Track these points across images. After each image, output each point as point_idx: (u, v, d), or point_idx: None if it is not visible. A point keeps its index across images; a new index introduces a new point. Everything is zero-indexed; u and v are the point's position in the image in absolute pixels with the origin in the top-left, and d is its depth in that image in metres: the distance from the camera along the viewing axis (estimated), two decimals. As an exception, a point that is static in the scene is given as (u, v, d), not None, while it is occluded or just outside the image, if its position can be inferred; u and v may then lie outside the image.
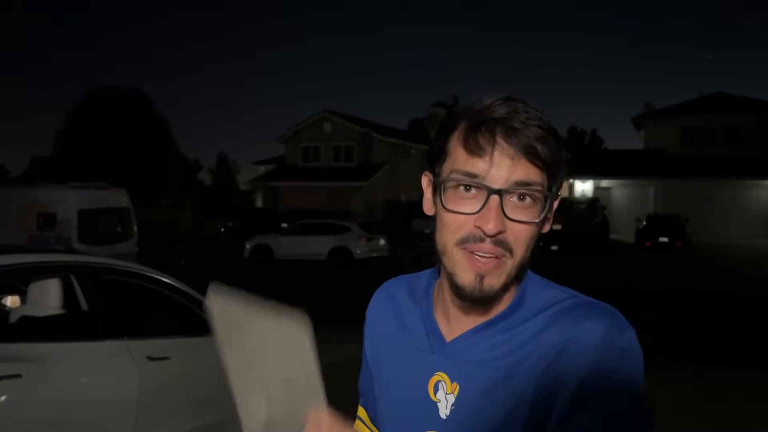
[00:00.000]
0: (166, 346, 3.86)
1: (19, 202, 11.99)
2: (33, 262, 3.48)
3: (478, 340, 0.96)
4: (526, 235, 0.91)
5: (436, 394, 0.97)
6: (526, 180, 0.88)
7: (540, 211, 0.91)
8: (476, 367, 0.94)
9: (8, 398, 2.84)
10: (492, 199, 0.88)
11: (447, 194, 0.92)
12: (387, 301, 1.14)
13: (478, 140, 0.89)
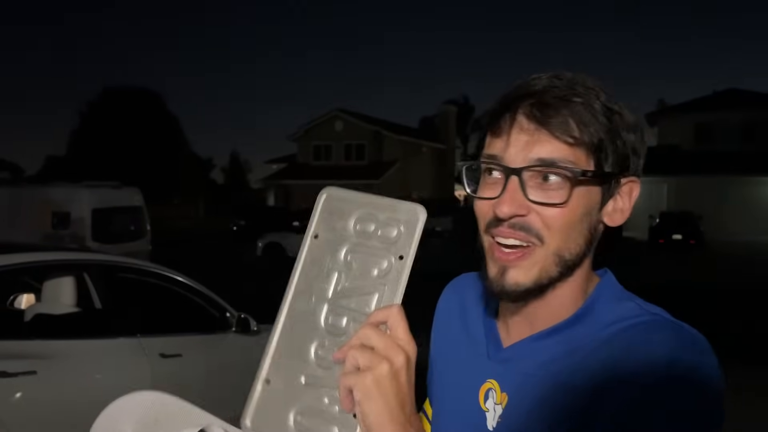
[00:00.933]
0: (178, 343, 3.89)
1: (33, 201, 12.13)
2: (47, 260, 3.52)
3: (534, 351, 0.87)
4: (560, 221, 0.80)
5: (486, 403, 0.90)
6: (549, 158, 0.79)
7: (568, 194, 0.80)
8: (527, 380, 0.86)
9: (23, 395, 2.87)
10: (509, 180, 0.80)
11: (480, 182, 0.86)
12: (455, 297, 1.07)
13: (496, 119, 0.83)
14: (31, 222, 11.54)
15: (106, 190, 12.50)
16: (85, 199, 11.89)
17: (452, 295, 1.09)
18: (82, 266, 3.64)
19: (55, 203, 11.96)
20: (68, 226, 11.66)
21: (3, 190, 14.38)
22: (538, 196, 0.80)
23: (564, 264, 0.83)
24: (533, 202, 0.80)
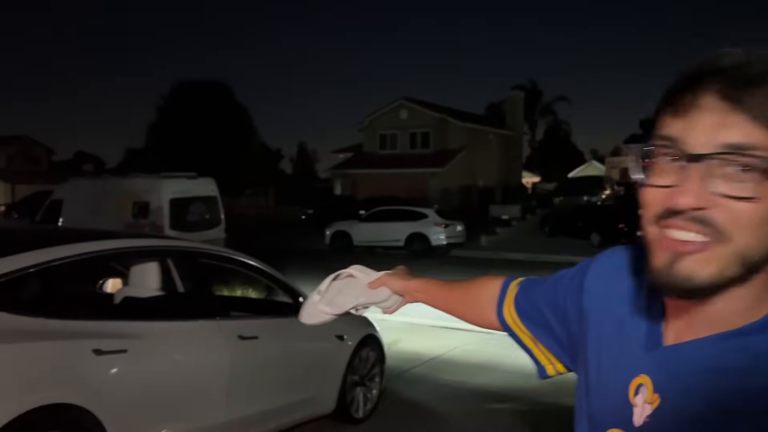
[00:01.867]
0: (255, 326, 4.07)
1: (116, 192, 12.78)
2: (134, 246, 3.76)
3: (702, 357, 0.76)
4: (749, 218, 0.69)
5: (635, 398, 0.83)
6: (742, 143, 0.68)
7: (762, 186, 0.68)
8: (685, 387, 0.76)
9: (117, 371, 3.10)
10: (691, 167, 0.70)
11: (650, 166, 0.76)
12: (613, 271, 0.96)
13: (678, 95, 0.73)
14: (114, 212, 12.19)
15: (183, 180, 13.02)
16: (163, 189, 12.43)
17: (606, 269, 0.98)
18: (166, 252, 3.87)
19: (136, 194, 12.56)
20: (148, 215, 12.24)
21: (87, 182, 15.23)
22: (725, 187, 0.69)
23: (747, 265, 0.71)
24: (719, 195, 0.70)
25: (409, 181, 31.73)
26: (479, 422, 5.26)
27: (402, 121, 36.06)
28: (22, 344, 2.77)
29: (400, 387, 6.04)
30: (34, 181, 42.80)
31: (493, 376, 6.53)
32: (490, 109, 49.81)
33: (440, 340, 8.16)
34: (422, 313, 9.78)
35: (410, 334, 8.45)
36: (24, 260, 3.01)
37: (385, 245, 19.69)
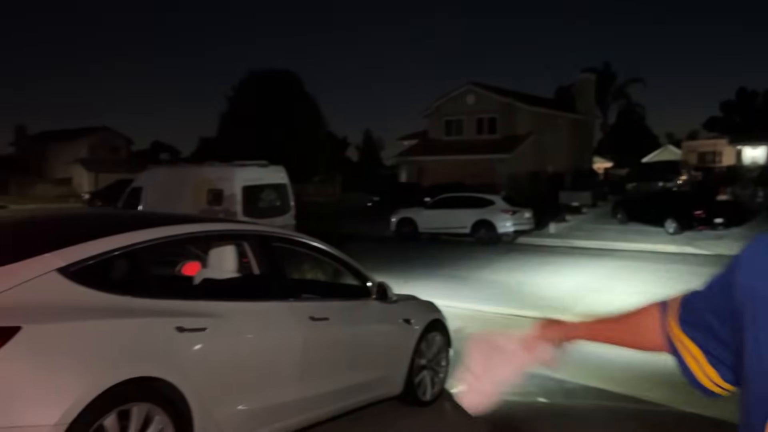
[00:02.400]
0: (325, 308, 4.20)
1: (192, 180, 13.32)
2: (213, 230, 3.95)
3: None
4: None
5: None
6: None
7: None
8: None
9: (197, 348, 3.28)
10: None
11: None
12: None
13: None
14: (190, 198, 12.71)
15: (254, 168, 13.41)
16: (236, 177, 12.86)
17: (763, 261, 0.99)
18: (242, 236, 4.05)
19: (210, 182, 13.05)
20: (221, 202, 12.70)
21: (165, 170, 15.91)
22: None
23: None
24: None
25: (475, 168, 31.42)
26: (541, 412, 5.24)
27: (468, 107, 35.68)
28: (111, 321, 2.97)
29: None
30: (115, 170, 44.97)
31: (560, 367, 6.46)
32: (559, 92, 48.54)
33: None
34: (488, 300, 9.81)
35: (476, 321, 8.45)
36: (112, 243, 3.22)
37: (450, 232, 19.65)
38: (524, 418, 5.01)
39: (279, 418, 3.79)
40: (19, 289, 2.76)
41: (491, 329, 1.32)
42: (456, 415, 5.13)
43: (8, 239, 3.48)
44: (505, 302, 9.65)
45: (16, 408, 2.55)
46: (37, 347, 2.66)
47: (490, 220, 18.89)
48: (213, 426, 3.31)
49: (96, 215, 5.06)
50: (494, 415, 5.00)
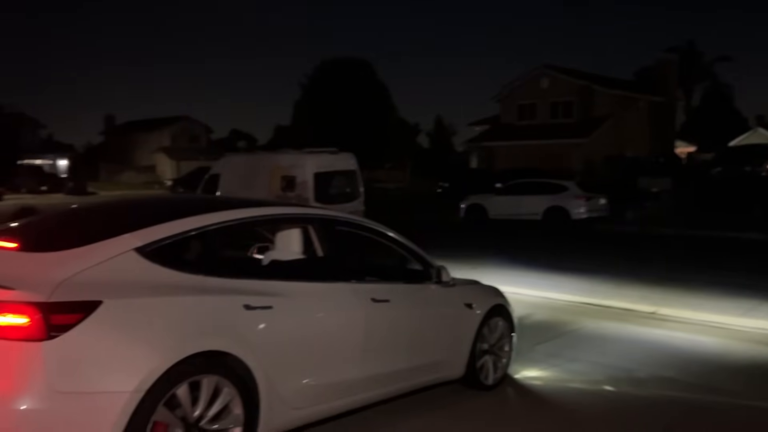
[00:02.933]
0: (387, 290, 4.30)
1: (267, 167, 13.74)
2: (279, 213, 4.12)
3: None
4: None
5: None
6: None
7: None
8: None
9: (264, 325, 3.45)
10: None
11: None
12: None
13: None
14: (264, 185, 13.13)
15: (326, 155, 13.69)
16: (308, 164, 13.18)
17: None
18: (307, 219, 4.20)
19: (284, 169, 13.42)
20: (294, 188, 13.05)
21: (241, 158, 16.48)
22: None
23: None
24: None
25: (549, 153, 30.76)
26: (605, 401, 5.15)
27: (542, 91, 34.88)
28: (184, 297, 3.18)
29: (530, 359, 6.05)
30: (195, 157, 46.89)
31: (628, 356, 6.31)
32: (640, 74, 46.59)
33: (575, 316, 7.99)
34: (557, 287, 9.66)
35: (544, 309, 8.36)
36: (185, 225, 3.43)
37: (521, 219, 19.36)
38: (587, 406, 4.96)
39: (341, 395, 3.93)
40: (101, 266, 3.00)
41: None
42: (518, 400, 5.15)
43: (93, 222, 3.77)
44: (575, 290, 9.47)
45: (98, 375, 2.79)
46: (116, 320, 2.89)
47: (563, 206, 18.46)
48: (278, 399, 3.48)
49: (171, 200, 5.36)
50: (556, 401, 4.99)
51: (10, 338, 2.68)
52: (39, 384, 2.66)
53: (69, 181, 40.25)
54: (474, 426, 4.43)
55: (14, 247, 3.20)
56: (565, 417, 4.71)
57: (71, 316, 2.76)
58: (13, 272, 2.87)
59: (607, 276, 10.79)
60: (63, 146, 57.50)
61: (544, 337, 6.90)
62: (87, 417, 2.74)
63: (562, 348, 6.52)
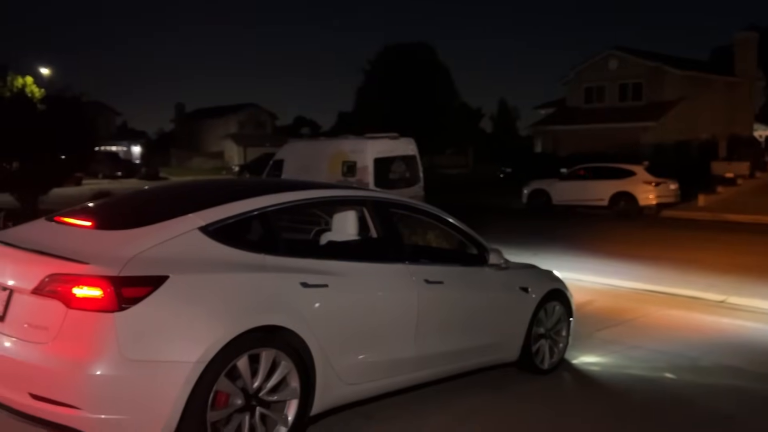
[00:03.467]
0: (441, 272, 4.35)
1: (328, 152, 13.95)
2: (335, 195, 4.23)
3: None
4: None
5: None
6: None
7: None
8: None
9: (320, 302, 3.57)
10: None
11: None
12: None
13: None
14: (326, 170, 13.35)
15: (386, 141, 13.76)
16: (368, 149, 13.29)
17: None
18: (362, 201, 4.29)
19: (345, 154, 13.60)
20: (355, 173, 13.21)
21: (304, 143, 16.78)
22: None
23: None
24: None
25: (616, 137, 29.77)
26: (664, 388, 5.05)
27: (611, 72, 33.71)
28: (245, 274, 3.33)
29: (589, 345, 5.98)
30: (261, 144, 47.92)
31: (692, 344, 6.15)
32: (715, 54, 44.35)
33: (638, 304, 7.81)
34: (620, 274, 9.44)
35: (606, 296, 8.21)
36: (246, 205, 3.58)
37: (586, 204, 18.91)
38: (644, 392, 4.88)
39: (394, 373, 4.02)
40: (168, 243, 3.18)
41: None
42: (573, 385, 5.12)
43: (161, 203, 3.98)
44: (639, 278, 9.24)
45: (164, 345, 2.97)
46: (182, 294, 3.07)
47: (631, 191, 17.91)
48: (333, 374, 3.61)
49: (233, 182, 5.56)
50: (613, 387, 4.93)
51: (86, 309, 2.89)
52: (111, 352, 2.86)
53: (142, 167, 42.07)
54: (526, 408, 4.45)
55: (89, 226, 3.43)
56: (621, 402, 4.66)
57: (140, 290, 2.95)
58: (88, 248, 3.08)
59: (674, 263, 10.48)
60: (137, 133, 60.03)
61: (605, 324, 6.79)
62: (154, 384, 2.94)
63: (623, 335, 6.41)
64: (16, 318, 3.08)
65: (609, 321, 6.92)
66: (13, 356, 3.00)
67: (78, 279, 2.91)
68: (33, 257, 3.08)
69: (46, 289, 2.95)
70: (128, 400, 2.90)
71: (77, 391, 2.86)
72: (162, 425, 2.97)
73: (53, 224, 3.54)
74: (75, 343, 2.89)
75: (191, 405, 3.01)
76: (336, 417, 3.94)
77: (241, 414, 3.24)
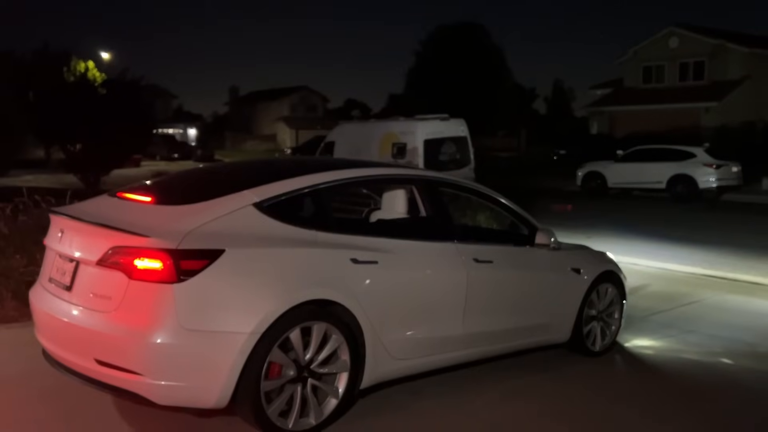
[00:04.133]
0: (490, 251, 4.34)
1: (378, 134, 14.00)
2: (384, 174, 4.26)
3: None
4: None
5: None
6: None
7: None
8: None
9: (369, 278, 3.62)
10: None
11: None
12: None
13: None
14: (376, 152, 13.41)
15: (436, 122, 13.71)
16: (418, 131, 13.28)
17: None
18: (411, 180, 4.31)
19: (394, 135, 13.62)
20: (404, 155, 13.22)
21: (354, 125, 16.86)
22: None
23: None
24: None
25: (676, 118, 28.76)
26: (719, 373, 4.91)
27: (671, 51, 32.47)
28: (297, 249, 3.40)
29: (643, 328, 5.87)
30: (313, 126, 48.37)
31: (751, 330, 5.95)
32: (786, 30, 42.01)
33: (696, 288, 7.59)
34: (677, 258, 9.19)
35: (662, 280, 8.00)
36: (299, 183, 3.65)
37: (643, 187, 18.39)
38: (698, 377, 4.77)
39: (442, 350, 4.06)
40: (223, 218, 3.28)
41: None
42: (624, 368, 5.04)
43: (217, 180, 4.10)
44: (698, 262, 8.97)
45: (220, 316, 3.08)
46: (237, 267, 3.17)
47: (690, 174, 17.32)
48: (382, 349, 3.67)
49: (286, 161, 5.66)
50: (666, 371, 4.83)
51: (147, 280, 3.02)
52: (170, 321, 2.99)
53: (198, 150, 43.08)
54: (574, 389, 4.41)
55: (149, 201, 3.57)
56: (673, 386, 4.57)
57: (197, 262, 3.06)
58: (148, 222, 3.21)
59: (734, 248, 10.12)
60: (193, 116, 61.43)
61: (661, 307, 6.64)
62: (210, 353, 3.05)
63: (678, 319, 6.26)
64: (82, 288, 3.24)
65: (665, 305, 6.76)
66: (79, 324, 3.17)
67: (139, 251, 3.04)
68: (97, 230, 3.22)
69: (109, 261, 3.10)
70: (186, 368, 3.03)
71: (138, 358, 3.00)
72: (218, 393, 3.09)
73: (115, 200, 3.70)
74: (136, 312, 3.03)
75: (246, 374, 3.12)
76: (385, 392, 4.01)
77: (293, 385, 3.34)
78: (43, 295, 3.51)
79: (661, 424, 3.88)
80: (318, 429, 3.44)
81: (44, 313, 3.38)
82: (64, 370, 3.32)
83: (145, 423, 3.50)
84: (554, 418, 3.88)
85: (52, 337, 3.38)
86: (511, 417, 3.86)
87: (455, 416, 3.83)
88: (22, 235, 5.64)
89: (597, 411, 4.04)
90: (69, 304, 3.27)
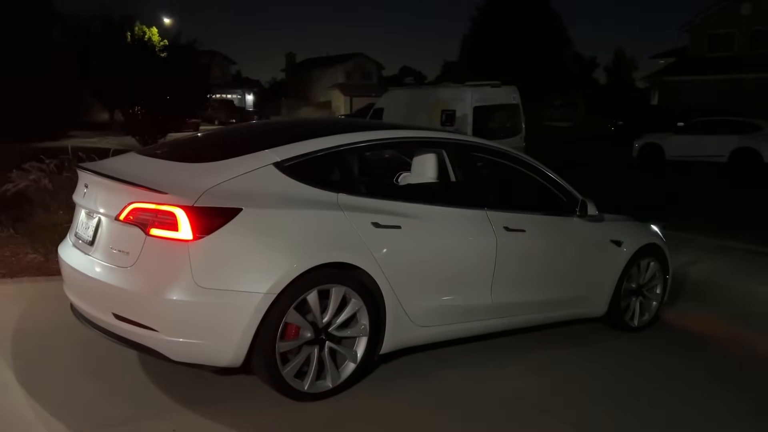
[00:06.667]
0: (522, 219, 4.17)
1: (427, 101, 13.72)
2: (412, 137, 4.11)
3: None
4: None
5: None
6: None
7: None
8: None
9: (391, 243, 3.53)
10: None
11: None
12: None
13: None
14: (425, 119, 13.16)
15: (487, 89, 13.32)
16: (467, 98, 12.93)
17: None
18: (441, 144, 4.15)
19: (444, 102, 13.32)
20: (453, 122, 12.94)
21: (403, 92, 16.58)
22: None
23: None
24: None
25: (746, 89, 27.24)
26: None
27: (742, 18, 30.60)
28: (317, 211, 3.34)
29: (688, 305, 5.60)
30: (367, 93, 48.12)
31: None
32: None
33: (753, 266, 7.21)
34: (737, 236, 8.73)
35: (715, 256, 7.62)
36: (320, 143, 3.56)
37: (703, 161, 17.55)
38: (742, 355, 4.52)
39: (468, 318, 3.95)
40: (242, 177, 3.24)
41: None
42: (662, 344, 4.82)
43: (239, 140, 4.06)
44: (755, 239, 8.51)
45: (236, 275, 3.06)
46: (254, 226, 3.13)
47: (755, 147, 16.41)
48: (404, 315, 3.59)
49: (312, 122, 5.55)
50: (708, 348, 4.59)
51: (163, 237, 3.02)
52: (186, 279, 2.98)
53: (255, 115, 43.55)
54: (606, 364, 4.25)
55: (172, 159, 3.56)
56: (714, 364, 4.34)
57: (214, 221, 3.03)
58: (167, 179, 3.20)
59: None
60: (251, 82, 62.02)
61: (708, 285, 6.33)
62: (224, 312, 3.04)
63: (726, 298, 5.96)
64: (104, 243, 3.28)
65: (712, 283, 6.44)
66: (100, 279, 3.21)
67: (156, 208, 3.03)
68: (118, 186, 3.24)
69: (128, 216, 3.11)
70: (201, 325, 3.03)
71: (155, 314, 3.02)
72: (233, 351, 3.09)
73: (140, 157, 3.71)
74: (153, 268, 3.04)
75: (261, 334, 3.10)
76: (409, 358, 3.96)
77: (310, 347, 3.31)
78: (69, 250, 3.57)
79: (697, 404, 3.69)
80: (335, 392, 3.41)
81: (70, 268, 3.44)
82: (87, 323, 3.38)
83: (171, 371, 3.55)
84: (581, 393, 3.75)
85: (76, 291, 3.44)
86: (535, 390, 3.74)
87: (477, 385, 3.74)
88: (66, 192, 5.78)
89: (626, 388, 3.88)
90: (91, 259, 3.32)
